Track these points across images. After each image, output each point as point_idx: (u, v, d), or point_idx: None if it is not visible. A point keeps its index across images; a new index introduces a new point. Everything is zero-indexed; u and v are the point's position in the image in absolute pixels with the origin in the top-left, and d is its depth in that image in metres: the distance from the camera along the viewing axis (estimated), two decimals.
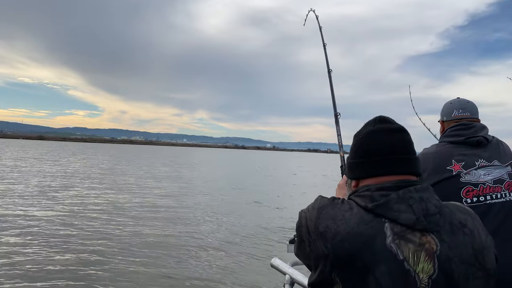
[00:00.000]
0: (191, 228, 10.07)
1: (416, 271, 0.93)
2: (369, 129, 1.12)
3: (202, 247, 8.33)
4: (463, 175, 1.80)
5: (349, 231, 0.97)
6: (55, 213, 10.77)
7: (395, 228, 0.96)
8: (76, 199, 13.49)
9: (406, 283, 0.92)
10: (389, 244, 0.94)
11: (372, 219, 0.98)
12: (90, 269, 6.41)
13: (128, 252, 7.53)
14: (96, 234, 8.71)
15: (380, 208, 0.99)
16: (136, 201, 13.81)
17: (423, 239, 0.96)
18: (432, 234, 0.97)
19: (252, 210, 13.74)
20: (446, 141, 1.97)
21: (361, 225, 0.97)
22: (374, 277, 0.92)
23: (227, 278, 6.51)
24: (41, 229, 8.85)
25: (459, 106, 2.06)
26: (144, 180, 22.02)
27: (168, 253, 7.63)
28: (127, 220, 10.52)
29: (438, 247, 0.96)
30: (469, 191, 1.77)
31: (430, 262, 0.94)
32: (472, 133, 1.92)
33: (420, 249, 0.95)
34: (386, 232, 0.96)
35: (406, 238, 0.95)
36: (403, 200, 0.99)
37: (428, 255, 0.94)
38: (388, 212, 0.98)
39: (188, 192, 17.46)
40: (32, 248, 7.33)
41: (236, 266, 7.19)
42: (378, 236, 0.95)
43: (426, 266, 0.94)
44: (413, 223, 0.96)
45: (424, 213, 0.97)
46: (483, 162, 1.83)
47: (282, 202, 15.94)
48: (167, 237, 8.89)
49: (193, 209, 12.92)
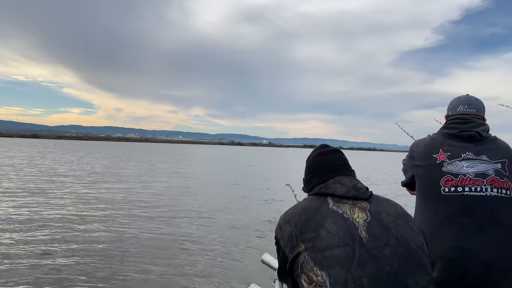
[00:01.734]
0: (181, 225, 10.10)
1: (354, 217, 1.29)
2: (315, 153, 1.57)
3: (192, 243, 8.36)
4: (445, 165, 1.84)
5: (303, 208, 1.38)
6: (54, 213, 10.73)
7: (334, 198, 1.36)
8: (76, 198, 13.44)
9: (347, 226, 1.26)
10: (331, 207, 1.33)
11: (318, 197, 1.40)
12: (86, 270, 6.42)
13: (117, 247, 7.55)
14: (89, 233, 8.71)
15: (322, 189, 1.41)
16: (129, 199, 13.82)
17: (355, 202, 1.34)
18: (362, 201, 1.35)
19: (241, 205, 13.77)
20: (441, 132, 2.01)
21: (311, 202, 1.39)
22: (324, 228, 1.27)
23: (217, 274, 6.55)
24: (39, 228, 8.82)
25: (465, 102, 2.06)
26: (139, 177, 21.97)
27: (156, 250, 7.64)
28: (120, 217, 10.52)
29: (367, 206, 1.33)
30: (448, 180, 1.80)
31: (363, 213, 1.30)
32: (468, 127, 1.93)
33: (354, 206, 1.32)
34: (328, 202, 1.35)
35: (342, 202, 1.34)
36: (338, 181, 1.41)
37: (360, 209, 1.31)
38: (328, 190, 1.39)
39: (179, 190, 17.46)
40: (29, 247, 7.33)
41: (227, 261, 7.23)
42: (323, 204, 1.35)
43: (360, 215, 1.29)
44: (346, 192, 1.36)
45: (353, 186, 1.38)
46: (470, 155, 1.84)
47: (271, 197, 15.92)
48: (156, 235, 8.90)
49: (185, 206, 12.94)
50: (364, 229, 1.24)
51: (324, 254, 1.21)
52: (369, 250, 1.20)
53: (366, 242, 1.22)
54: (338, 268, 1.17)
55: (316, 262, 1.21)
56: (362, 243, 1.21)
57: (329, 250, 1.21)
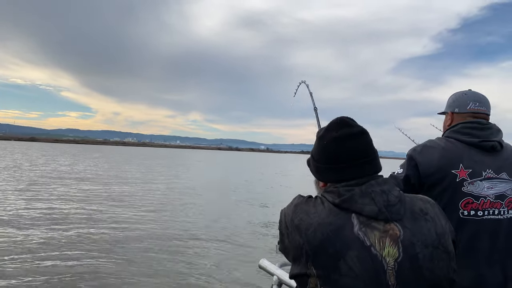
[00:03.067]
0: (178, 229, 10.04)
1: (383, 255, 1.03)
2: (333, 136, 1.19)
3: (189, 248, 8.31)
4: (466, 184, 1.65)
5: (320, 222, 1.08)
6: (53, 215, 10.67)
7: (361, 218, 1.07)
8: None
9: (374, 267, 1.02)
10: (356, 232, 1.05)
11: (340, 211, 1.10)
12: (82, 271, 6.36)
13: (113, 249, 7.50)
14: (84, 236, 8.65)
15: (346, 202, 1.10)
16: (124, 199, 13.75)
17: (386, 227, 1.06)
18: (395, 222, 1.07)
19: (239, 211, 13.72)
20: (457, 138, 1.76)
21: (330, 216, 1.09)
22: (345, 262, 1.02)
23: (214, 279, 6.51)
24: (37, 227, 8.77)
25: (475, 98, 1.84)
26: (133, 180, 21.89)
27: (154, 254, 7.59)
28: (118, 218, 10.47)
29: (401, 233, 1.06)
30: (469, 203, 1.64)
31: (395, 247, 1.04)
32: (487, 135, 1.74)
33: (384, 235, 1.05)
34: (353, 222, 1.07)
35: (371, 226, 1.06)
36: (366, 194, 1.10)
37: (392, 240, 1.04)
38: (353, 205, 1.09)
39: (177, 194, 17.40)
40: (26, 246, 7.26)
41: (224, 267, 7.18)
42: (346, 225, 1.06)
43: (391, 251, 1.03)
44: (376, 214, 1.07)
45: (385, 204, 1.08)
46: (490, 173, 1.67)
47: (269, 203, 15.95)
48: (153, 239, 8.86)
49: (182, 210, 12.88)
50: (393, 274, 1.02)
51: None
52: None
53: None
54: None
55: None
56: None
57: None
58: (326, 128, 1.24)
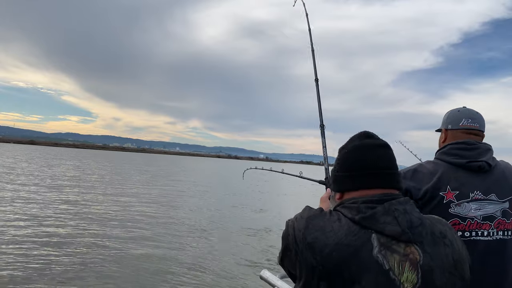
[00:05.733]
0: (179, 238, 10.01)
1: (401, 280, 0.97)
2: (355, 144, 1.15)
3: (189, 258, 8.26)
4: (453, 206, 1.66)
5: (337, 242, 0.99)
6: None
7: (382, 239, 1.00)
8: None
9: None
10: (375, 255, 0.98)
11: (359, 230, 1.02)
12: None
13: (113, 258, 7.49)
14: (80, 246, 8.61)
15: (367, 220, 1.02)
16: (127, 209, 13.70)
17: (407, 250, 1.00)
18: (416, 245, 1.02)
19: (241, 221, 13.64)
20: (444, 159, 1.78)
21: (349, 236, 1.00)
22: (360, 286, 0.95)
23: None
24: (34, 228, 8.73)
25: (468, 115, 1.85)
26: (132, 185, 21.84)
27: (152, 265, 7.55)
28: (115, 229, 10.43)
29: (421, 257, 1.00)
30: (455, 224, 1.64)
31: (414, 272, 0.98)
32: (475, 155, 1.73)
33: (404, 259, 0.99)
34: (373, 243, 0.99)
35: (391, 249, 0.99)
36: (389, 212, 1.03)
37: (412, 265, 0.99)
38: (375, 224, 1.02)
39: (177, 201, 17.33)
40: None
41: (225, 278, 7.14)
42: (364, 246, 0.99)
43: (410, 276, 0.98)
44: (399, 235, 1.00)
45: (409, 225, 1.02)
46: (478, 195, 1.67)
47: (272, 213, 15.88)
48: (152, 249, 8.82)
49: (182, 220, 12.83)
50: None
51: None
52: None
53: None
54: None
55: None
56: None
57: None
58: (348, 140, 1.20)
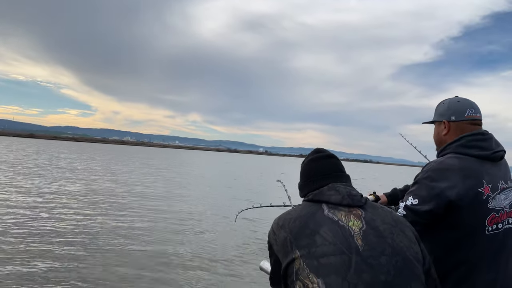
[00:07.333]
0: (177, 232, 10.02)
1: (349, 225, 1.29)
2: (310, 158, 1.57)
3: (188, 249, 8.28)
4: (490, 200, 1.60)
5: (298, 214, 1.38)
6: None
7: (329, 205, 1.36)
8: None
9: (343, 233, 1.26)
10: (326, 214, 1.33)
11: (312, 204, 1.41)
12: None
13: (113, 254, 7.51)
14: (74, 241, 8.61)
15: (317, 195, 1.42)
16: (122, 202, 13.71)
17: (350, 210, 1.34)
18: (357, 208, 1.35)
19: (237, 212, 13.62)
20: (468, 153, 1.67)
21: (305, 208, 1.40)
22: (320, 235, 1.27)
23: (214, 281, 6.50)
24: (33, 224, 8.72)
25: (471, 105, 1.77)
26: (131, 184, 21.83)
27: (154, 258, 7.58)
28: (112, 226, 10.42)
29: (363, 213, 1.34)
30: (493, 219, 1.60)
31: (359, 220, 1.31)
32: (494, 146, 1.69)
33: (349, 214, 1.33)
34: (323, 208, 1.36)
35: (337, 209, 1.35)
36: (332, 188, 1.41)
37: (356, 217, 1.32)
38: (322, 196, 1.40)
39: (174, 196, 17.36)
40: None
41: (224, 269, 7.18)
42: (318, 211, 1.36)
43: (356, 222, 1.30)
44: (340, 200, 1.36)
45: (348, 194, 1.38)
46: (503, 184, 1.64)
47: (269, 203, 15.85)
48: (152, 243, 8.83)
49: (180, 214, 12.87)
50: (360, 237, 1.25)
51: (320, 261, 1.21)
52: (365, 258, 1.21)
53: (362, 250, 1.22)
54: (334, 275, 1.17)
55: (312, 269, 1.21)
56: (358, 251, 1.22)
57: (325, 257, 1.21)
58: (306, 157, 1.62)
